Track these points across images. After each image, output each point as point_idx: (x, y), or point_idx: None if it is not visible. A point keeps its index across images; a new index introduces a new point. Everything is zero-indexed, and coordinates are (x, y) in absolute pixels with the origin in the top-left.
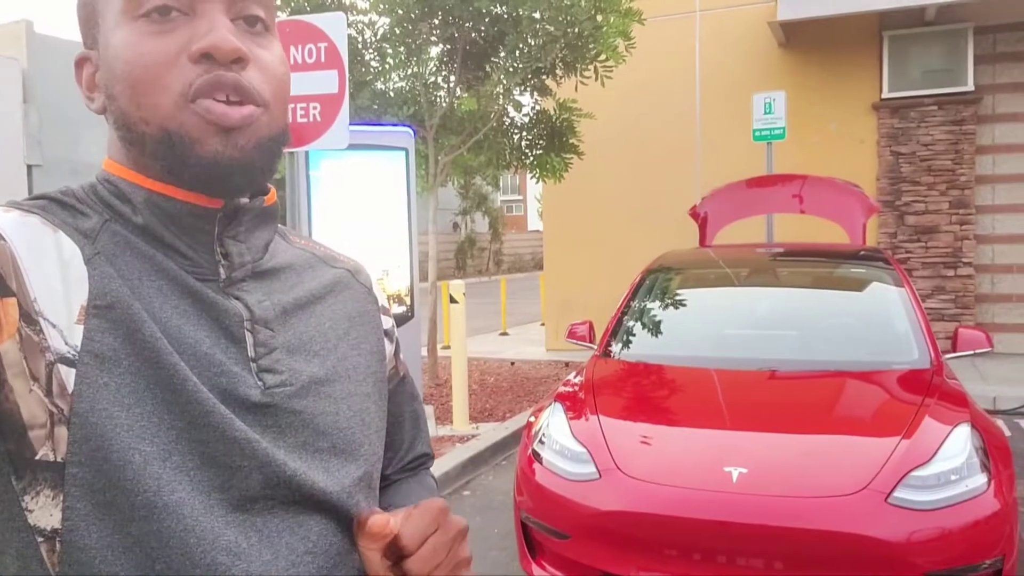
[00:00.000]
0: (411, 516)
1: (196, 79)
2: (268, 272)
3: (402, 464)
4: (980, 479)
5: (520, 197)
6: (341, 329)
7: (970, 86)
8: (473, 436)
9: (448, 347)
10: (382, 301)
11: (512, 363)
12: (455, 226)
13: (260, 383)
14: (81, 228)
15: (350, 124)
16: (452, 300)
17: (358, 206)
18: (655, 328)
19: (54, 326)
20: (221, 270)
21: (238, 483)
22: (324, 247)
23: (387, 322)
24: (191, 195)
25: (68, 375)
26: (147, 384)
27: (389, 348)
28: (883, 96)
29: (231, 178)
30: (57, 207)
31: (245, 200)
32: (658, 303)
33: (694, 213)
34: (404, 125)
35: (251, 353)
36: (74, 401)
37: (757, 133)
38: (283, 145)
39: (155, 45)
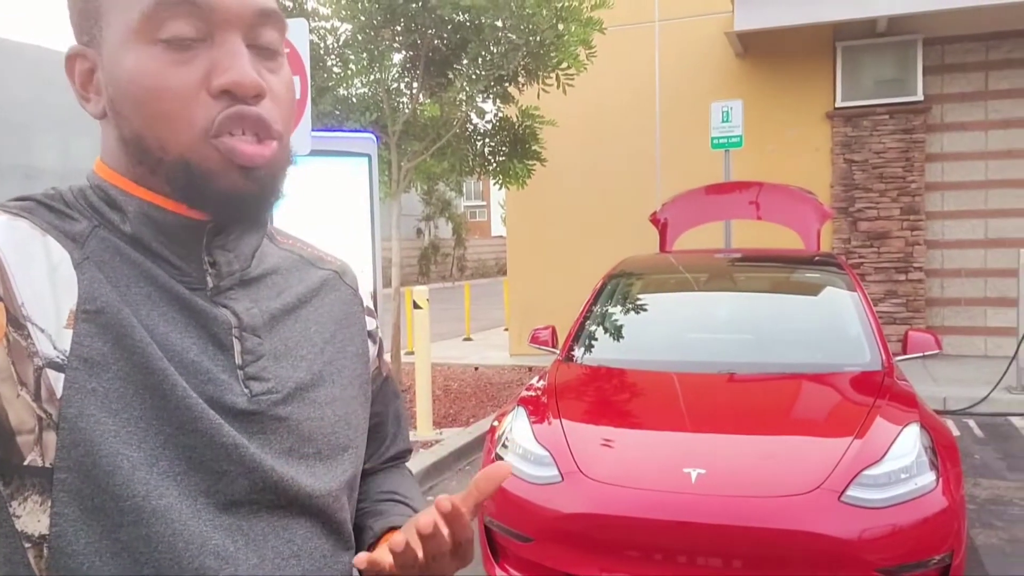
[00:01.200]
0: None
1: (218, 115)
2: (255, 279)
3: (382, 460)
4: (929, 477)
5: (483, 203)
6: (327, 332)
7: (919, 96)
8: (437, 441)
9: (412, 353)
10: (367, 302)
11: (476, 368)
12: (419, 232)
13: (246, 391)
14: (69, 232)
15: (312, 130)
16: (416, 306)
17: (321, 212)
18: (617, 332)
19: (42, 331)
20: (209, 279)
21: (224, 488)
22: (311, 247)
23: (371, 323)
24: (182, 207)
25: (57, 380)
26: (135, 389)
27: (373, 349)
28: (836, 105)
29: (245, 207)
30: (44, 210)
31: None
32: (619, 308)
33: (654, 219)
34: (367, 131)
35: (238, 361)
36: (62, 406)
37: (715, 141)
38: (289, 166)
39: (175, 76)
